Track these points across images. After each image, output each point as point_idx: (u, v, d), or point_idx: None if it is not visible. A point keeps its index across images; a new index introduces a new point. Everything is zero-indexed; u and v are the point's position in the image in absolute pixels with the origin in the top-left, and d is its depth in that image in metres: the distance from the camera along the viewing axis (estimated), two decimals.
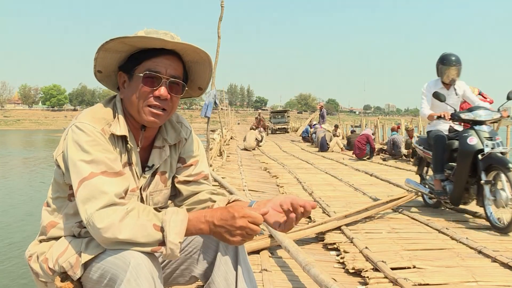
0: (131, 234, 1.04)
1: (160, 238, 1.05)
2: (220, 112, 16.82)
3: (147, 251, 1.05)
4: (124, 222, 1.04)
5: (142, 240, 1.04)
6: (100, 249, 1.10)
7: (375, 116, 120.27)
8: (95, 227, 1.04)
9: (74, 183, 1.10)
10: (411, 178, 4.79)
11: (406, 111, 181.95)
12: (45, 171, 16.31)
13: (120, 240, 1.04)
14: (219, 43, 8.15)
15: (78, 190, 1.08)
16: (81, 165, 1.09)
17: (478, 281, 2.40)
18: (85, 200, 1.06)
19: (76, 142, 1.11)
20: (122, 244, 1.05)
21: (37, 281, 1.22)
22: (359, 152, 10.25)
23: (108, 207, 1.05)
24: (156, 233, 1.05)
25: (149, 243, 1.05)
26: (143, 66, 1.16)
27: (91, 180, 1.08)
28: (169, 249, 1.05)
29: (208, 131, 9.23)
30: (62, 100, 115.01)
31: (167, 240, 1.05)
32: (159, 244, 1.06)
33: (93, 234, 1.07)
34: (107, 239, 1.04)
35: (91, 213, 1.05)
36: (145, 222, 1.05)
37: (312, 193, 5.30)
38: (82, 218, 1.08)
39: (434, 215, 4.09)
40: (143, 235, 1.04)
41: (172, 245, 1.05)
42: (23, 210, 9.47)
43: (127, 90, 1.19)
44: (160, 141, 1.29)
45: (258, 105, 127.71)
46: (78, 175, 1.09)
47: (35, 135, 55.19)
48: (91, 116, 1.16)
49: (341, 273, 2.61)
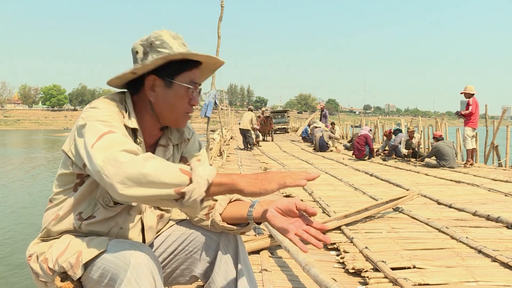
0: (155, 170, 0.96)
1: (185, 181, 0.97)
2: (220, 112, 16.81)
3: (169, 193, 0.97)
4: (149, 161, 0.98)
5: (166, 180, 0.96)
6: (101, 249, 1.10)
7: (375, 116, 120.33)
8: (117, 162, 0.97)
9: (91, 140, 1.04)
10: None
11: (406, 111, 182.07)
12: (45, 171, 16.32)
13: (143, 173, 0.95)
14: (219, 43, 8.15)
15: (96, 143, 1.02)
16: (99, 125, 1.08)
17: (478, 281, 2.40)
18: (104, 148, 1.00)
19: (92, 116, 1.10)
20: (142, 184, 0.96)
21: (37, 281, 1.22)
22: (358, 153, 10.25)
23: (131, 153, 1.01)
24: (183, 175, 0.97)
25: (173, 183, 0.96)
26: (186, 76, 1.21)
27: (112, 134, 1.05)
28: (196, 183, 0.97)
29: (208, 131, 9.23)
30: (62, 100, 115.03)
31: (194, 175, 0.97)
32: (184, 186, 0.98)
33: (112, 172, 0.96)
34: (128, 174, 0.96)
35: (112, 152, 0.99)
36: (172, 165, 1.00)
37: (312, 193, 5.31)
38: (96, 163, 0.99)
39: (434, 214, 4.09)
40: (168, 174, 0.97)
41: (200, 179, 0.97)
42: (23, 210, 9.47)
43: (163, 95, 1.20)
44: (165, 140, 1.31)
45: (258, 105, 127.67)
46: (97, 132, 1.05)
47: (35, 135, 55.20)
48: (105, 102, 1.17)
49: (341, 273, 2.61)
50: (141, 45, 1.22)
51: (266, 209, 1.16)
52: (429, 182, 6.57)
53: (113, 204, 1.18)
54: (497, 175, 7.03)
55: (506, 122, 53.41)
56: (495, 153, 9.56)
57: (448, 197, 5.05)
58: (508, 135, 9.20)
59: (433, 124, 12.65)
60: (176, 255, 1.31)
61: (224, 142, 13.69)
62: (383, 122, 20.21)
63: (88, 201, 1.19)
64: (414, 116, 30.43)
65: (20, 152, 26.82)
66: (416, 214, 4.00)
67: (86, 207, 1.19)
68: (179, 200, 0.98)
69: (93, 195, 1.18)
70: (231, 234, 1.29)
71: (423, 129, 12.25)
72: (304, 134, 18.19)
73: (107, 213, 1.19)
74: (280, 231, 1.13)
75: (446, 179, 6.75)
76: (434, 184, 6.29)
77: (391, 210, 4.22)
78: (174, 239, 1.33)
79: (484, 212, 4.03)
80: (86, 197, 1.19)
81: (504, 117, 11.18)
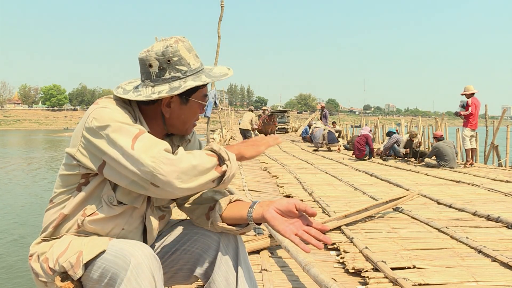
0: (199, 160, 1.07)
1: (216, 161, 1.10)
2: (220, 112, 16.85)
3: (215, 176, 1.09)
4: (187, 155, 1.08)
5: (208, 165, 1.08)
6: (101, 249, 1.10)
7: (375, 116, 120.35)
8: (169, 160, 1.04)
9: (126, 142, 1.07)
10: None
11: (406, 111, 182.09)
12: (45, 172, 16.32)
13: (194, 165, 1.06)
14: (219, 43, 8.14)
15: (134, 144, 1.07)
16: (126, 127, 1.10)
17: (478, 281, 2.40)
18: (148, 149, 1.06)
19: (110, 117, 1.11)
20: (195, 175, 1.06)
21: (37, 281, 1.22)
22: (358, 153, 10.25)
23: (168, 150, 1.09)
24: (212, 158, 1.10)
25: (212, 166, 1.09)
26: (200, 92, 1.27)
27: (145, 134, 1.10)
28: (232, 160, 1.12)
29: (208, 131, 9.23)
30: (62, 100, 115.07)
31: (227, 154, 1.12)
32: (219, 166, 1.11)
33: (167, 170, 1.03)
34: (184, 169, 1.04)
35: (158, 152, 1.05)
36: (198, 152, 1.10)
37: (312, 193, 5.30)
38: (146, 163, 1.04)
39: (434, 214, 4.09)
40: (206, 160, 1.08)
41: (231, 155, 1.12)
42: (23, 210, 9.47)
43: (179, 111, 1.25)
44: (167, 142, 1.31)
45: (258, 105, 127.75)
46: (130, 134, 1.09)
47: (35, 135, 55.19)
48: (113, 103, 1.18)
49: (341, 273, 2.61)
50: (156, 59, 1.19)
51: (266, 210, 1.16)
52: (429, 182, 6.57)
53: (116, 203, 1.18)
54: (497, 175, 7.04)
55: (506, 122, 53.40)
56: (495, 153, 9.56)
57: (448, 197, 5.05)
58: (508, 135, 9.20)
59: (433, 124, 12.64)
60: (177, 255, 1.31)
61: (224, 142, 13.70)
62: (383, 122, 20.21)
63: (93, 199, 1.19)
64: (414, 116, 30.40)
65: (20, 152, 26.80)
66: (416, 214, 4.00)
67: (90, 204, 1.19)
68: (217, 179, 1.11)
69: (98, 194, 1.18)
70: (231, 234, 1.29)
71: (423, 129, 12.25)
72: (304, 134, 18.17)
73: (110, 212, 1.18)
74: (281, 232, 1.13)
75: (446, 179, 6.75)
76: (434, 184, 6.29)
77: (391, 210, 4.22)
78: (174, 239, 1.33)
79: (484, 212, 4.03)
80: (92, 195, 1.19)
81: (504, 117, 11.18)
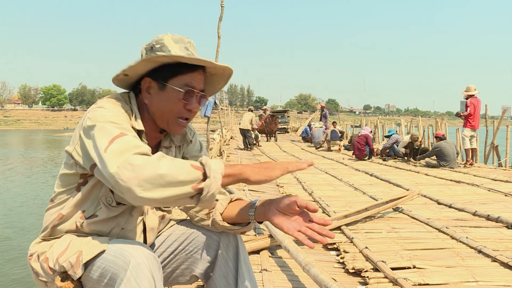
0: (170, 170, 0.97)
1: (199, 177, 0.99)
2: (220, 112, 16.83)
3: (186, 191, 0.98)
4: (162, 161, 0.99)
5: (182, 178, 0.97)
6: (101, 249, 1.10)
7: (375, 116, 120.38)
8: (132, 166, 0.97)
9: (102, 144, 1.04)
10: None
11: (406, 111, 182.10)
12: (45, 172, 16.32)
13: (160, 175, 0.96)
14: (219, 43, 8.14)
15: (109, 146, 1.02)
16: (110, 127, 1.07)
17: (478, 281, 2.40)
18: (118, 153, 1.01)
19: (101, 116, 1.10)
20: (161, 186, 0.96)
21: (37, 281, 1.22)
22: (358, 153, 10.26)
23: (144, 155, 1.02)
24: (195, 171, 0.99)
25: (189, 180, 0.98)
26: (180, 79, 1.18)
27: (124, 137, 1.05)
28: (213, 178, 0.99)
29: (208, 131, 9.24)
30: (62, 100, 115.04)
31: (210, 170, 0.99)
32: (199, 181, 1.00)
33: (128, 176, 0.96)
34: (146, 177, 0.96)
35: (126, 157, 0.99)
36: (182, 162, 1.01)
37: (312, 193, 5.30)
38: (111, 169, 0.99)
39: (434, 214, 4.09)
40: (183, 171, 0.98)
41: (215, 173, 0.99)
42: (23, 210, 9.47)
43: (157, 98, 1.20)
44: (167, 141, 1.31)
45: (258, 105, 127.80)
46: (108, 135, 1.05)
47: (35, 135, 55.20)
48: (111, 102, 1.17)
49: (341, 273, 2.61)
50: (144, 48, 1.22)
51: (267, 209, 1.16)
52: (429, 182, 6.57)
53: (115, 204, 1.18)
54: (497, 175, 7.04)
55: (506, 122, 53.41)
56: (495, 153, 9.56)
57: (448, 197, 5.05)
58: (508, 135, 9.21)
59: (433, 124, 12.64)
60: (176, 255, 1.31)
61: (224, 142, 13.71)
62: (383, 122, 20.20)
63: (91, 200, 1.19)
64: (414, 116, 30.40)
65: (20, 152, 26.80)
66: (416, 214, 4.00)
67: (89, 206, 1.19)
68: (196, 197, 1.00)
69: (96, 195, 1.18)
70: (231, 234, 1.28)
71: (423, 129, 12.25)
72: (304, 134, 18.18)
73: (110, 213, 1.18)
74: (284, 230, 1.13)
75: (446, 179, 6.75)
76: (434, 184, 6.29)
77: (391, 210, 4.22)
78: (174, 239, 1.33)
79: (484, 212, 4.03)
80: (89, 196, 1.19)
81: (504, 117, 11.18)
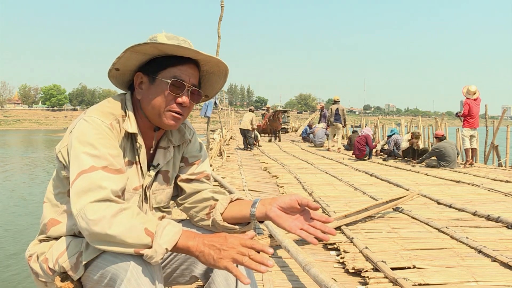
0: (120, 231, 1.01)
1: (148, 243, 1.02)
2: (220, 112, 16.82)
3: (129, 252, 1.03)
4: (116, 218, 1.02)
5: (129, 241, 1.01)
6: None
7: (375, 116, 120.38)
8: (86, 218, 1.01)
9: (72, 174, 1.08)
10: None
11: (406, 111, 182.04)
12: (45, 172, 16.32)
13: (108, 235, 1.01)
14: (219, 43, 8.13)
15: (75, 181, 1.06)
16: (83, 157, 1.08)
17: (478, 281, 2.40)
18: (80, 192, 1.04)
19: (82, 135, 1.10)
20: (106, 243, 1.02)
21: (37, 281, 1.22)
22: (358, 153, 10.25)
23: (103, 202, 1.04)
24: (146, 237, 1.02)
25: (135, 244, 1.02)
26: (169, 72, 1.18)
27: (91, 173, 1.06)
28: (154, 251, 1.02)
29: (208, 131, 9.23)
30: (62, 100, 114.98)
31: (155, 242, 1.02)
32: (144, 248, 1.03)
33: (82, 226, 1.03)
34: (95, 233, 1.01)
35: (84, 205, 1.02)
36: (138, 224, 1.03)
37: (312, 193, 5.30)
38: (73, 210, 1.04)
39: (434, 214, 4.09)
40: (132, 236, 1.01)
41: (159, 248, 1.02)
42: (23, 210, 9.46)
43: (147, 92, 1.20)
44: (165, 141, 1.31)
45: (258, 105, 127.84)
46: (79, 167, 1.07)
47: (35, 135, 55.19)
48: (99, 110, 1.17)
49: (341, 273, 2.61)
50: None
51: (269, 208, 1.16)
52: (429, 182, 6.57)
53: None
54: (497, 175, 7.04)
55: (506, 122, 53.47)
56: (495, 153, 9.56)
57: (448, 197, 5.05)
58: (508, 135, 9.20)
59: (433, 124, 12.64)
60: (176, 255, 1.31)
61: (224, 142, 13.70)
62: (383, 122, 20.19)
63: None
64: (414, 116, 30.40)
65: (20, 152, 26.80)
66: (416, 214, 4.00)
67: None
68: (139, 255, 1.04)
69: None
70: (231, 233, 1.28)
71: (423, 129, 12.25)
72: (304, 134, 18.16)
73: None
74: (286, 229, 1.13)
75: (446, 179, 6.75)
76: (434, 184, 6.29)
77: (391, 210, 4.22)
78: None
79: (484, 212, 4.03)
80: None
81: (504, 117, 11.19)
